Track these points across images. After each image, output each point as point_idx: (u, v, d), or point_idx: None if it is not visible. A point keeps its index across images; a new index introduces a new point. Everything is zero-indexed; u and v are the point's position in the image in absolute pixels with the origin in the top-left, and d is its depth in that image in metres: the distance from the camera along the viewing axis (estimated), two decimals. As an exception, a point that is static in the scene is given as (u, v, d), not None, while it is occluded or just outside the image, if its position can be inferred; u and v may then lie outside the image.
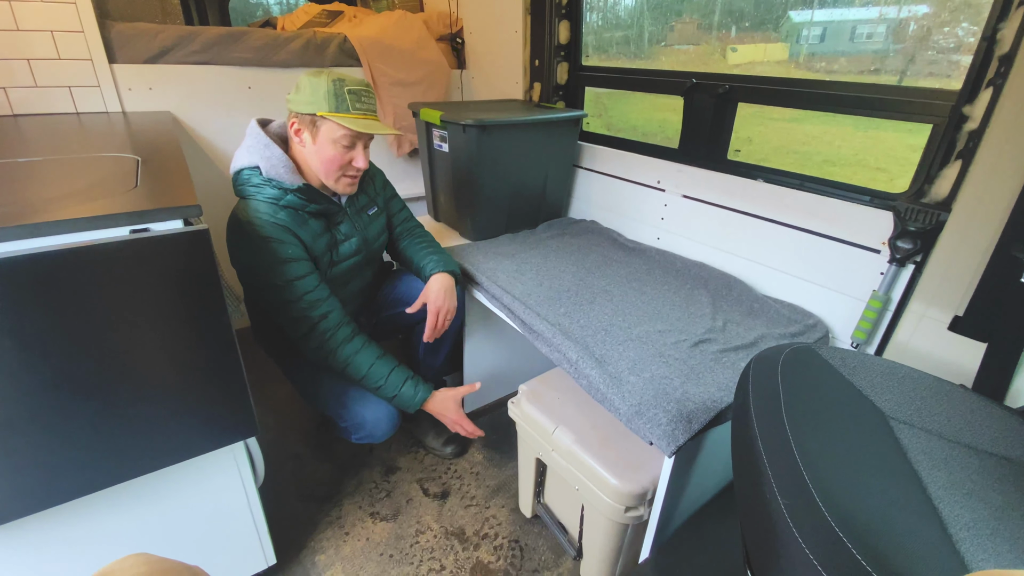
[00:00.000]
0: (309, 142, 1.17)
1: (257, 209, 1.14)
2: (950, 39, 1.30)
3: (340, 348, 1.22)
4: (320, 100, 1.12)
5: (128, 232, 0.77)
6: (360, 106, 1.15)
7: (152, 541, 1.03)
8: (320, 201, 1.21)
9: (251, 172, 1.16)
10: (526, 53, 2.03)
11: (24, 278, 0.70)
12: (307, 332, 1.20)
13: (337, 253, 1.29)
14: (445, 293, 1.36)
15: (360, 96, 1.15)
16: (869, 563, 0.47)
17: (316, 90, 1.11)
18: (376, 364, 1.25)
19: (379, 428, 1.28)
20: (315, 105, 1.12)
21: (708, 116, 1.59)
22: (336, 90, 1.12)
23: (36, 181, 0.95)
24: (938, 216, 1.07)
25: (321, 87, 1.11)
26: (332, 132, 1.15)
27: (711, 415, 0.94)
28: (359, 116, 1.15)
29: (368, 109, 1.17)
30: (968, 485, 0.64)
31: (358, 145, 1.19)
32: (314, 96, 1.12)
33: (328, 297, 1.22)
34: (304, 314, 1.18)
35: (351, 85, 1.14)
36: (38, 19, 1.57)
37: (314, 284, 1.19)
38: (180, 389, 0.88)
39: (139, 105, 1.78)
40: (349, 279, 1.38)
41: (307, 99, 1.13)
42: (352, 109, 1.14)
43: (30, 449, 0.78)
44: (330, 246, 1.27)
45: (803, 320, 1.28)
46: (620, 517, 1.04)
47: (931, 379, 0.79)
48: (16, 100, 1.63)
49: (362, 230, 1.35)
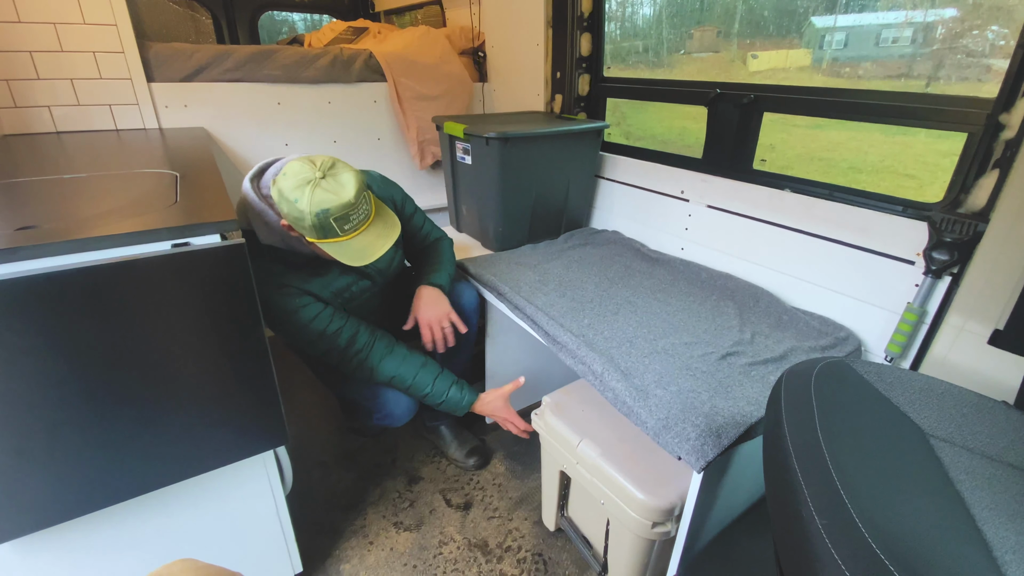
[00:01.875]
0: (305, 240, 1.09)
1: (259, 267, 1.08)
2: (980, 43, 1.27)
3: (380, 364, 1.25)
4: (306, 228, 1.03)
5: (170, 246, 0.80)
6: (349, 227, 1.05)
7: (185, 547, 1.05)
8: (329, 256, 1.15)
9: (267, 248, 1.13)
10: (547, 65, 2.05)
11: (73, 291, 0.73)
12: (340, 360, 1.24)
13: (350, 292, 1.31)
14: (427, 304, 1.37)
15: (348, 218, 1.04)
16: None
17: (301, 217, 1.00)
18: (420, 373, 1.28)
19: (398, 407, 1.32)
20: (303, 230, 1.04)
21: (733, 126, 1.58)
22: (321, 223, 1.01)
23: (82, 197, 1.00)
24: (975, 227, 1.04)
25: (305, 218, 1.00)
26: (326, 251, 1.07)
27: (741, 430, 0.92)
28: (352, 237, 1.07)
29: (361, 220, 1.07)
30: (1013, 506, 0.62)
31: None
32: (300, 222, 1.02)
33: (347, 322, 1.23)
34: (329, 346, 1.22)
35: (336, 213, 1.01)
36: (81, 41, 1.65)
37: (327, 320, 1.20)
38: (215, 398, 0.90)
39: (175, 122, 1.84)
40: (370, 302, 1.41)
41: (294, 216, 1.02)
42: (342, 232, 1.05)
43: (72, 455, 0.81)
44: (347, 286, 1.29)
45: (834, 333, 1.26)
46: (647, 533, 1.03)
47: (972, 395, 0.76)
48: (59, 117, 1.70)
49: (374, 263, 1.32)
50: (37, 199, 0.98)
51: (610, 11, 1.97)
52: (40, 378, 0.75)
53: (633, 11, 2.25)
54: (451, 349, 1.55)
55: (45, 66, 1.63)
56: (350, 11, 3.47)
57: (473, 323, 1.55)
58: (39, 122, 1.68)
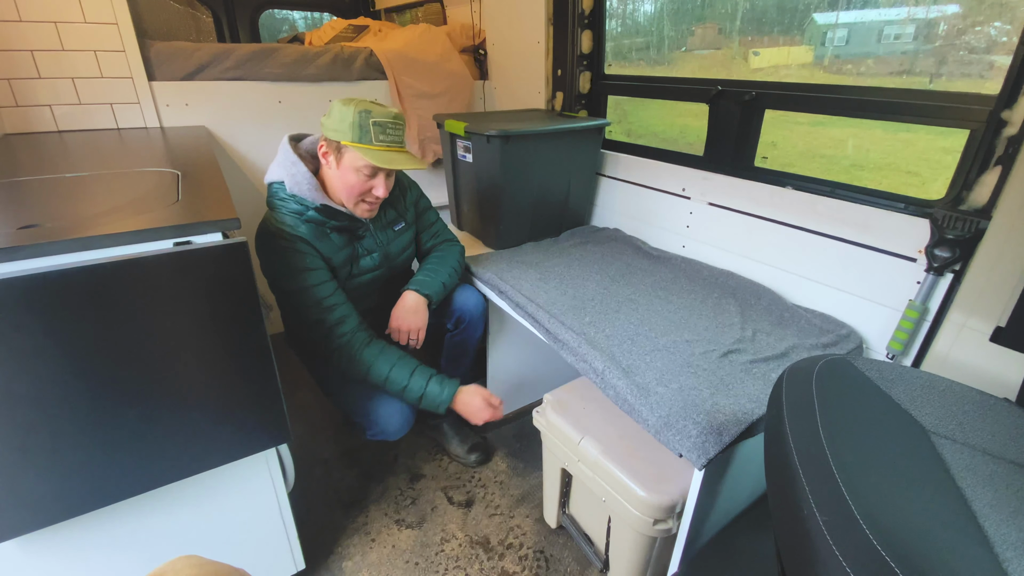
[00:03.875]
0: (334, 165, 1.21)
1: (281, 220, 1.19)
2: (982, 39, 1.26)
3: (359, 352, 1.24)
4: (345, 129, 1.14)
5: (172, 245, 0.80)
6: (384, 138, 1.16)
7: (188, 544, 1.06)
8: (340, 219, 1.24)
9: (279, 186, 1.21)
10: (548, 63, 2.05)
11: (75, 290, 0.73)
12: (325, 336, 1.23)
13: (357, 266, 1.32)
14: (405, 312, 1.35)
15: (386, 128, 1.16)
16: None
17: (343, 119, 1.14)
18: (397, 365, 1.26)
19: (391, 424, 1.30)
20: (340, 133, 1.15)
21: (734, 123, 1.57)
22: (361, 121, 1.13)
23: (84, 196, 1.00)
24: (977, 224, 1.04)
25: (348, 116, 1.13)
26: (354, 161, 1.17)
27: (742, 427, 0.93)
28: (382, 148, 1.16)
29: (394, 141, 1.18)
30: (1015, 503, 0.62)
31: (379, 175, 1.21)
32: (341, 124, 1.14)
33: (344, 303, 1.25)
34: (320, 317, 1.21)
35: (377, 117, 1.14)
36: (82, 40, 1.65)
37: (330, 291, 1.22)
38: (218, 396, 0.91)
39: (176, 120, 1.84)
40: (370, 291, 1.41)
41: (335, 126, 1.15)
42: (375, 141, 1.15)
43: (75, 453, 0.82)
44: (351, 259, 1.30)
45: (835, 330, 1.26)
46: (648, 530, 1.03)
47: (974, 392, 0.76)
48: (61, 116, 1.71)
49: (384, 245, 1.38)
50: (39, 198, 0.99)
51: (611, 8, 1.96)
52: (42, 376, 0.75)
53: (634, 8, 2.25)
54: (456, 353, 1.54)
55: (46, 65, 1.63)
56: (351, 9, 3.47)
57: (479, 328, 1.54)
58: (40, 121, 1.68)
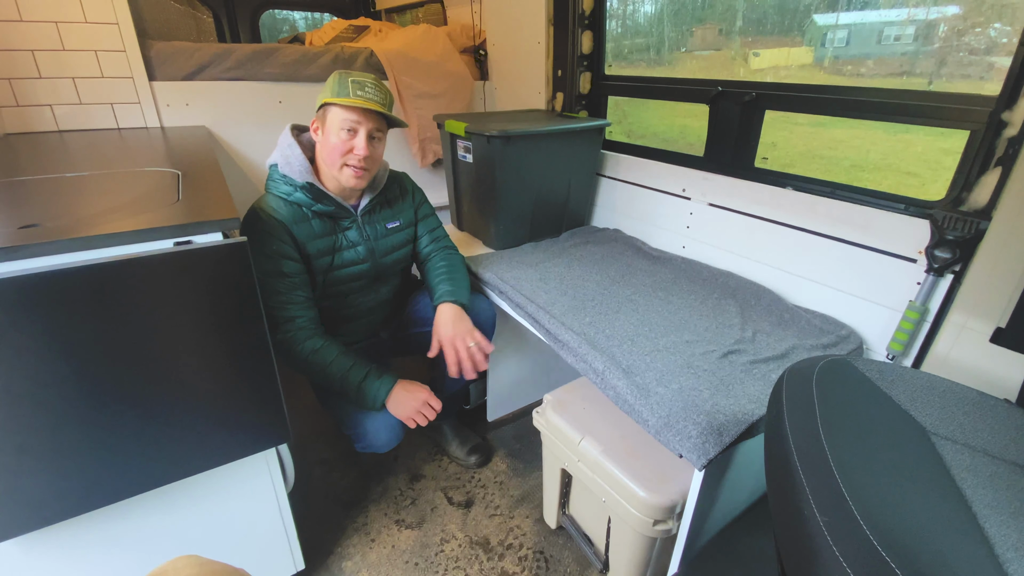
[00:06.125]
0: (322, 136, 1.22)
1: (266, 202, 1.22)
2: (982, 40, 1.26)
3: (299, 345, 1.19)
4: (327, 92, 1.19)
5: (172, 244, 0.80)
6: (361, 93, 1.18)
7: (188, 543, 1.06)
8: (326, 202, 1.24)
9: (274, 167, 1.24)
10: (549, 64, 2.05)
11: (76, 289, 0.73)
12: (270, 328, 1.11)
13: (340, 258, 1.30)
14: (453, 323, 1.31)
15: (363, 85, 1.19)
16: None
17: (327, 86, 1.20)
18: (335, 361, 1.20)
19: (379, 438, 1.28)
20: (323, 97, 1.20)
21: (734, 124, 1.57)
22: (340, 79, 1.18)
23: (84, 195, 1.00)
24: (977, 225, 1.04)
25: (331, 82, 1.19)
26: (335, 118, 1.19)
27: (742, 428, 0.93)
28: (360, 102, 1.17)
29: (369, 98, 1.18)
30: (1015, 504, 0.62)
31: (360, 132, 1.20)
32: (325, 91, 1.20)
33: (301, 302, 1.21)
34: (272, 312, 1.17)
35: (355, 76, 1.19)
36: (83, 40, 1.65)
37: (289, 286, 1.19)
38: (218, 396, 0.90)
39: (176, 120, 1.84)
40: (353, 290, 1.36)
41: (320, 97, 1.21)
42: (353, 95, 1.17)
43: (75, 453, 0.82)
44: (331, 249, 1.28)
45: (836, 331, 1.26)
46: (648, 530, 1.03)
47: (974, 393, 0.76)
48: (61, 116, 1.70)
49: (371, 240, 1.34)
50: (39, 197, 0.99)
51: (611, 9, 1.96)
52: (42, 376, 0.75)
53: (634, 9, 2.25)
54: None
55: (47, 65, 1.63)
56: (351, 9, 3.47)
57: (490, 335, 1.48)
58: (41, 121, 1.68)
